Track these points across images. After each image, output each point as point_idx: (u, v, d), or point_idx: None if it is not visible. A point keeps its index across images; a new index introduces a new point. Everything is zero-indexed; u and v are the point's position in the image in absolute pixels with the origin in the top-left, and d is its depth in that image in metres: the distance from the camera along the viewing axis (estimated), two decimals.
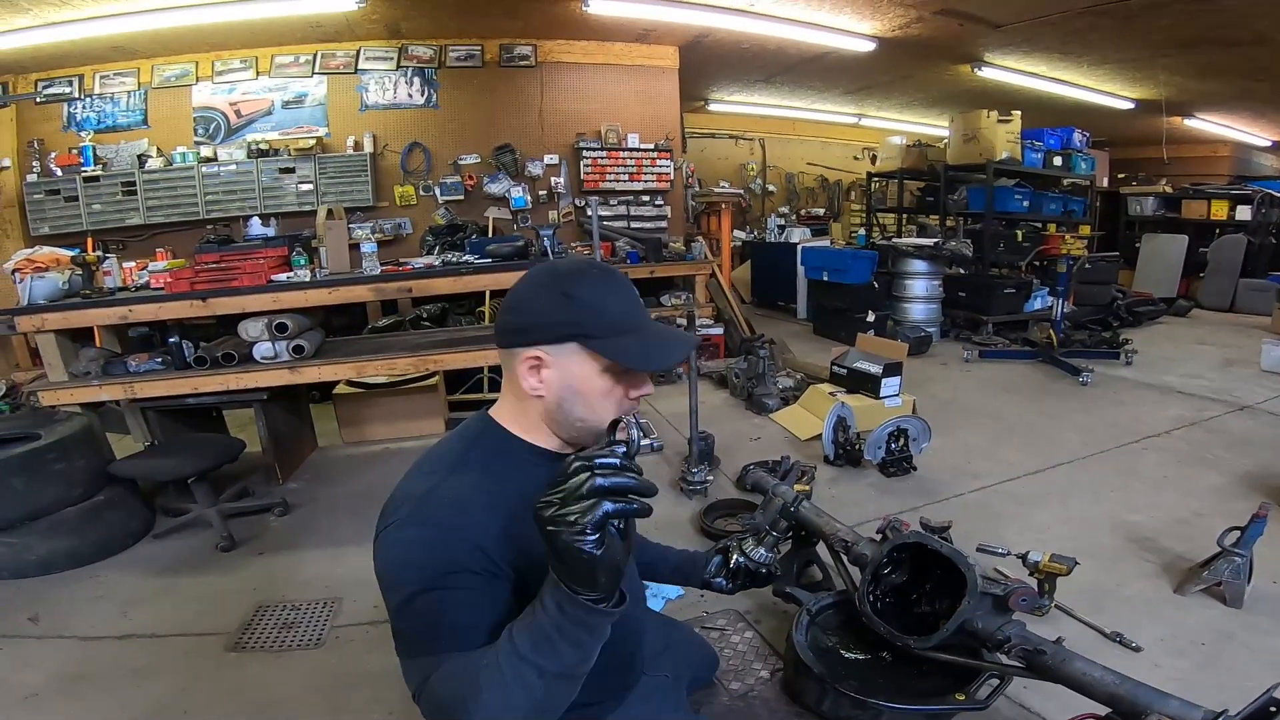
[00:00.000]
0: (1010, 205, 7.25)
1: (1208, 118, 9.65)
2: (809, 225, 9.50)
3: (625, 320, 1.08)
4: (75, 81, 5.96)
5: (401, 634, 1.00)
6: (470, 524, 0.98)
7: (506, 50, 6.63)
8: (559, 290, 1.06)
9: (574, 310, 1.05)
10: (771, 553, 1.50)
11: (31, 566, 2.89)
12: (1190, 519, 3.04)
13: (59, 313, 3.46)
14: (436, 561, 0.96)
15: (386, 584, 1.00)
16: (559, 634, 0.85)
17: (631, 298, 1.12)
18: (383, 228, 6.51)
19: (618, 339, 1.06)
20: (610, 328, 1.06)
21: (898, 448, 3.62)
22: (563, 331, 1.05)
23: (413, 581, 0.96)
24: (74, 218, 5.88)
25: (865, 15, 5.94)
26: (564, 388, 1.07)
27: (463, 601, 0.96)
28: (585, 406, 1.09)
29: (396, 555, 1.00)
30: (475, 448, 1.12)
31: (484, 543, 0.98)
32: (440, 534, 0.97)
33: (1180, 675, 2.03)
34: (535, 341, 1.06)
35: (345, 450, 4.44)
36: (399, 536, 1.00)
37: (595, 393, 1.08)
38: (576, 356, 1.06)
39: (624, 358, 1.05)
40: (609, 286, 1.09)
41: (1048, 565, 2.10)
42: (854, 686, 1.78)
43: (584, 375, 1.07)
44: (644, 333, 1.09)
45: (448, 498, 1.01)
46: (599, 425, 1.10)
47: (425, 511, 1.00)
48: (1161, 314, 7.81)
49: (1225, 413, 4.46)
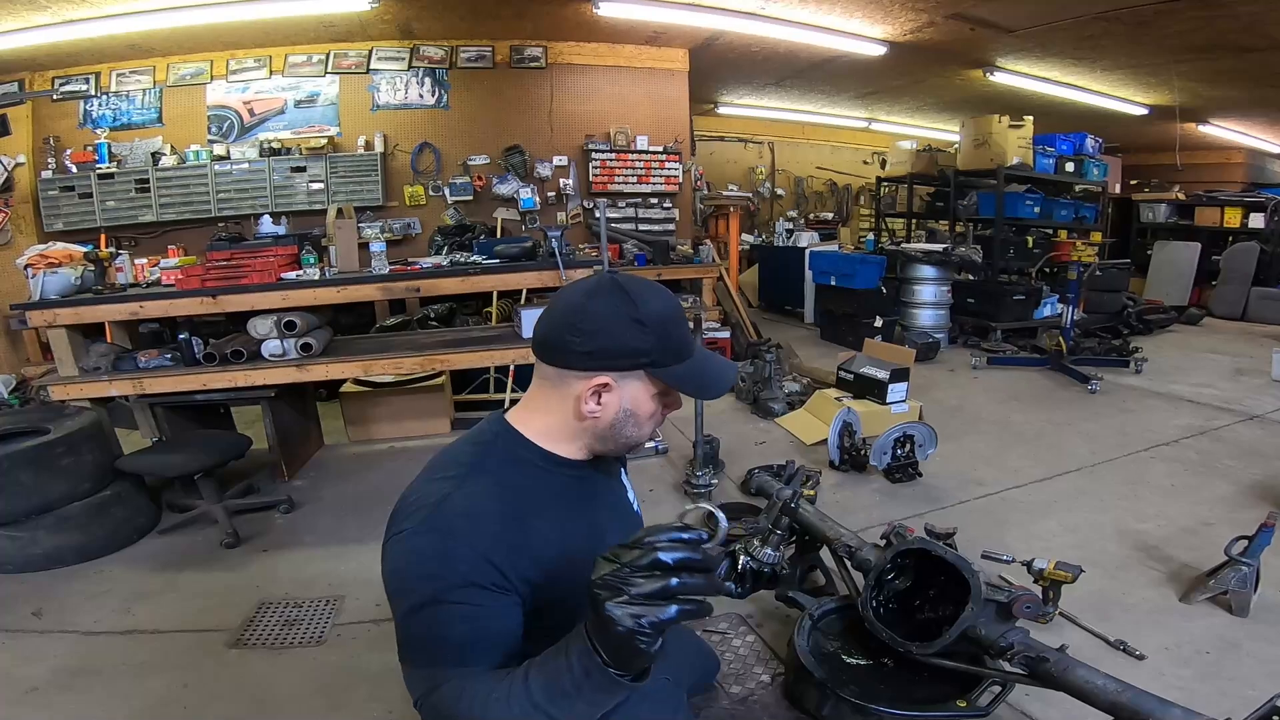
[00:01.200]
0: (1021, 211, 7.21)
1: (1222, 124, 9.58)
2: (817, 230, 9.46)
3: (685, 347, 1.10)
4: (92, 79, 6.03)
5: (406, 642, 0.99)
6: (482, 536, 0.98)
7: (517, 51, 6.65)
8: (632, 315, 1.04)
9: (647, 338, 1.05)
10: (777, 552, 1.49)
11: (37, 560, 2.91)
12: (1198, 528, 3.01)
13: (71, 308, 3.50)
14: (446, 574, 0.95)
15: (394, 590, 1.00)
16: (577, 693, 0.84)
17: (684, 319, 1.13)
18: (392, 227, 6.54)
19: (678, 366, 1.08)
20: (674, 355, 1.08)
21: (903, 454, 3.61)
22: (639, 361, 1.06)
23: (421, 592, 0.96)
24: (88, 214, 5.94)
25: (877, 19, 5.93)
26: (621, 411, 1.09)
27: (469, 616, 0.96)
28: (636, 427, 1.11)
29: (406, 564, 0.99)
30: (490, 454, 1.11)
31: (495, 556, 0.97)
32: (451, 545, 0.96)
33: (1184, 684, 2.01)
34: (605, 368, 1.06)
35: (351, 448, 4.46)
36: (410, 545, 0.99)
37: (647, 414, 1.11)
38: (640, 382, 1.08)
39: (684, 387, 1.10)
40: (672, 311, 1.10)
41: (1052, 573, 2.09)
42: (855, 692, 1.77)
43: (642, 399, 1.09)
44: (697, 359, 1.12)
45: (460, 507, 1.00)
46: (641, 441, 1.15)
47: (437, 521, 0.99)
48: (1172, 322, 7.75)
49: (1235, 422, 4.42)
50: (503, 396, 4.88)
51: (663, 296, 1.11)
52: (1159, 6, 5.34)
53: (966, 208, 7.51)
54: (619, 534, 1.23)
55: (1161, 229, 9.90)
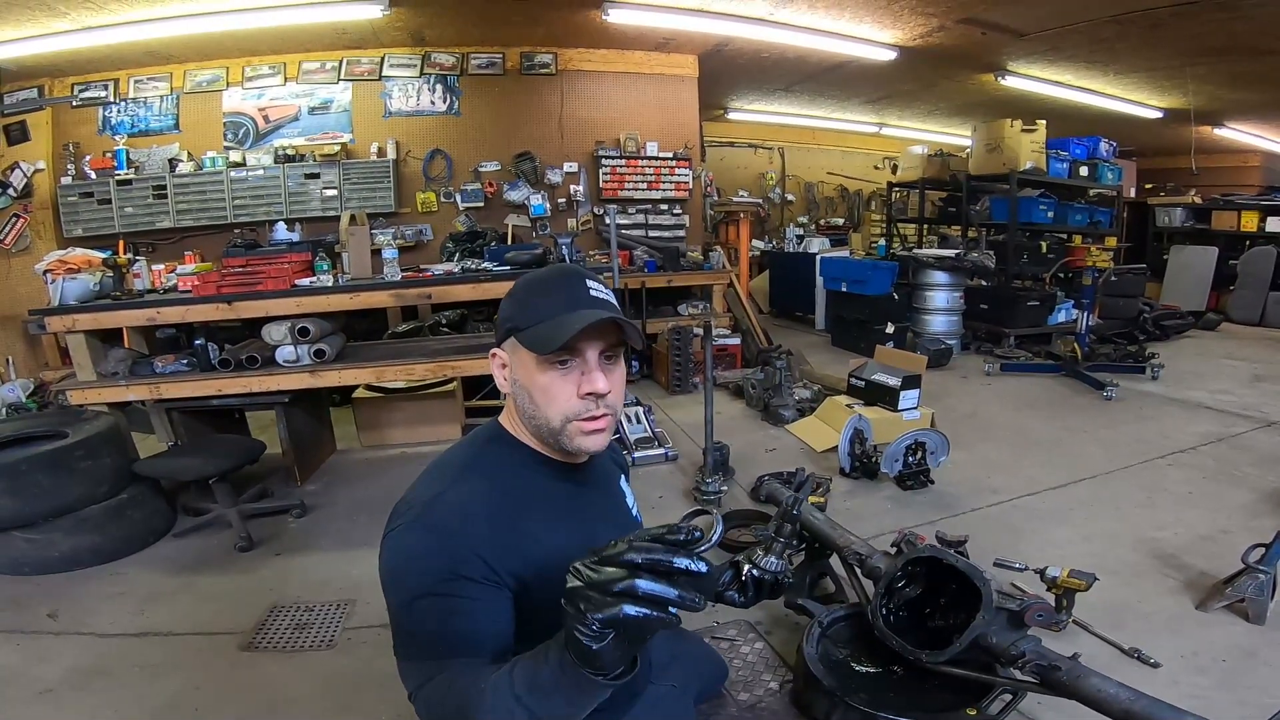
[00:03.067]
0: (1034, 216, 7.16)
1: (1238, 127, 9.49)
2: (828, 235, 9.46)
3: (549, 309, 1.07)
4: (110, 86, 6.11)
5: (400, 636, 1.02)
6: (472, 532, 1.00)
7: (527, 58, 6.69)
8: (512, 292, 1.15)
9: (512, 306, 1.12)
10: (782, 560, 1.47)
11: (54, 563, 2.94)
12: (1215, 536, 2.98)
13: (89, 313, 3.55)
14: (438, 567, 0.98)
15: (387, 585, 1.03)
16: (554, 688, 0.83)
17: (566, 287, 1.10)
18: (404, 234, 6.58)
19: (535, 326, 1.06)
20: (534, 317, 1.07)
21: (915, 461, 3.58)
22: (506, 327, 1.12)
23: (414, 586, 0.99)
24: (106, 220, 6.01)
25: (886, 24, 5.92)
26: (514, 382, 1.13)
27: (461, 610, 0.98)
28: (532, 402, 1.10)
29: (398, 559, 1.02)
30: (484, 454, 1.14)
31: (485, 551, 1.00)
32: (442, 540, 0.99)
33: (1199, 692, 1.99)
34: (498, 340, 1.16)
35: (363, 453, 4.49)
36: (402, 540, 1.02)
37: (537, 387, 1.09)
38: (519, 352, 1.10)
39: (530, 343, 1.06)
40: (548, 283, 1.13)
41: (1066, 581, 2.07)
42: (864, 700, 1.76)
43: (525, 369, 1.10)
44: (560, 318, 1.05)
45: (452, 504, 1.03)
46: (548, 423, 1.09)
47: (429, 517, 1.02)
48: (1189, 327, 7.66)
49: (1253, 429, 4.36)
50: None
51: (546, 272, 1.18)
52: (1174, 9, 5.30)
53: (979, 213, 7.47)
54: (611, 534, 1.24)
55: (1177, 233, 9.80)
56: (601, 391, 1.08)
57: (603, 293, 1.12)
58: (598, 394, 1.08)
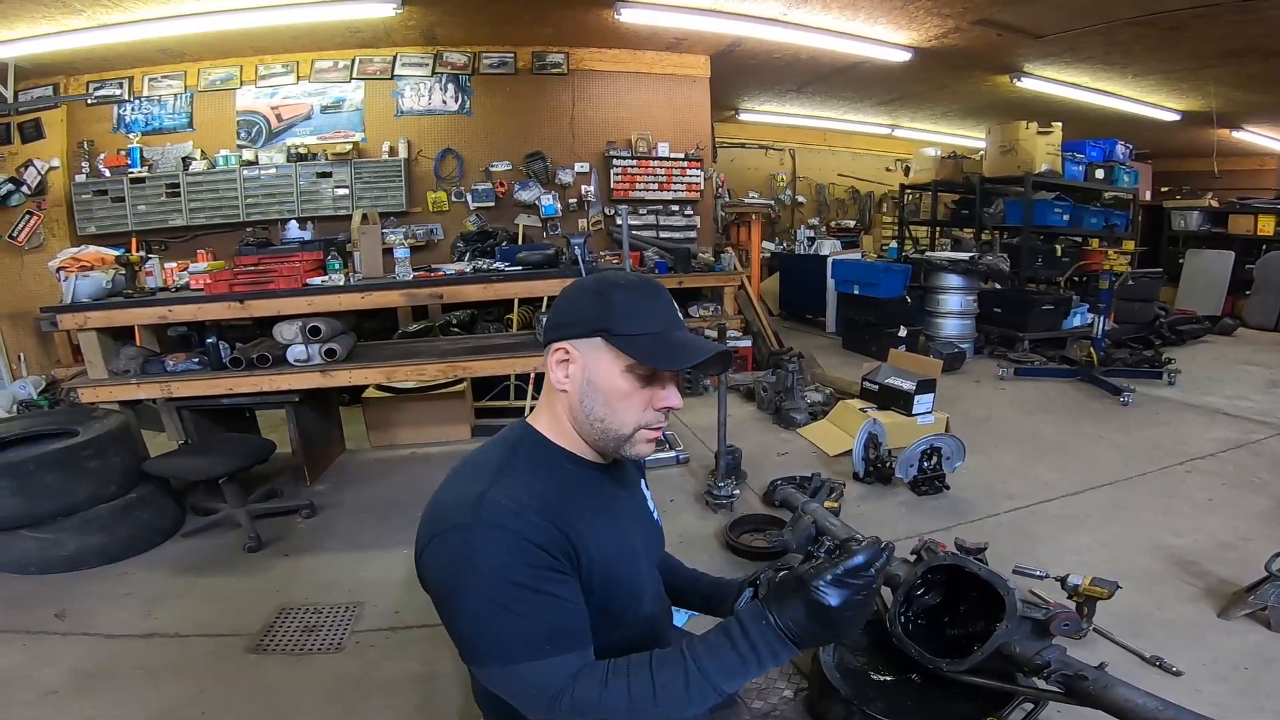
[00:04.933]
0: (1049, 219, 7.10)
1: (1256, 130, 9.38)
2: (839, 237, 9.40)
3: (650, 322, 1.08)
4: (125, 84, 6.13)
5: (492, 644, 0.96)
6: (530, 525, 0.97)
7: (539, 58, 6.68)
8: (596, 291, 1.10)
9: (605, 307, 1.07)
10: None
11: (61, 562, 2.93)
12: (1236, 543, 2.94)
13: (101, 311, 3.55)
14: (517, 562, 0.95)
15: (458, 590, 0.97)
16: (759, 666, 0.94)
17: (665, 305, 1.12)
18: (415, 233, 6.58)
19: (640, 337, 1.06)
20: (635, 327, 1.06)
21: (930, 466, 3.54)
22: (591, 326, 1.07)
23: (494, 586, 0.94)
24: (120, 218, 6.03)
25: (901, 25, 5.87)
26: (585, 383, 1.08)
27: (552, 604, 0.96)
28: (605, 405, 1.08)
29: (466, 564, 0.96)
30: (517, 454, 1.10)
31: (546, 542, 0.97)
32: (509, 536, 0.96)
33: (1221, 700, 1.97)
34: (565, 335, 1.09)
35: (373, 454, 4.48)
36: (466, 542, 0.97)
37: (615, 393, 1.07)
38: (601, 352, 1.07)
39: (641, 355, 1.05)
40: (644, 292, 1.11)
41: (1088, 589, 2.03)
42: (881, 709, 1.72)
43: (606, 373, 1.07)
44: (668, 336, 1.08)
45: (500, 501, 0.99)
46: (618, 429, 1.09)
47: (485, 515, 0.97)
48: (1206, 332, 7.58)
49: (1272, 435, 4.30)
50: (523, 404, 4.88)
51: (640, 281, 1.14)
52: (1193, 12, 5.24)
53: (993, 215, 7.41)
54: (642, 539, 1.24)
55: (1194, 237, 9.72)
56: (678, 407, 1.13)
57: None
58: (672, 409, 1.12)
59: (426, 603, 1.02)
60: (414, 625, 2.49)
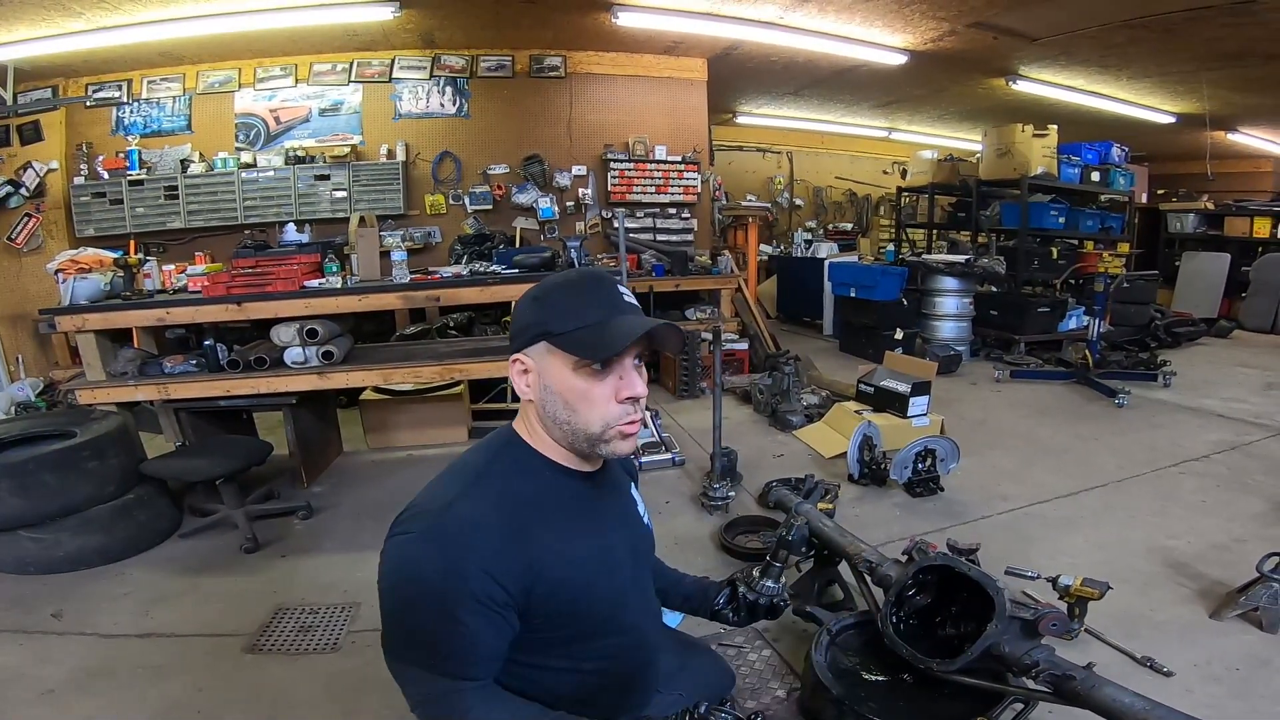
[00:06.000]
0: (1045, 221, 7.12)
1: (1251, 132, 9.42)
2: (836, 240, 9.42)
3: (589, 313, 1.06)
4: (124, 86, 6.15)
5: (397, 638, 1.03)
6: (483, 545, 0.98)
7: (536, 61, 6.70)
8: (535, 296, 1.11)
9: (541, 311, 1.08)
10: (779, 584, 1.48)
11: (60, 562, 2.94)
12: (1229, 544, 2.95)
13: (99, 313, 3.56)
14: (447, 585, 0.97)
15: (389, 591, 1.02)
16: None
17: (606, 293, 1.10)
18: (413, 236, 6.59)
19: (575, 332, 1.05)
20: (571, 322, 1.05)
21: (925, 468, 3.55)
22: (534, 333, 1.08)
23: (419, 599, 0.98)
24: (118, 220, 6.04)
25: (897, 28, 5.90)
26: (543, 389, 1.09)
27: (463, 633, 0.98)
28: (566, 408, 1.08)
29: (408, 570, 1.00)
30: (498, 461, 1.12)
31: (494, 567, 0.98)
32: (451, 557, 0.97)
33: (1213, 701, 1.98)
34: (518, 347, 1.11)
35: (370, 455, 4.48)
36: (412, 551, 1.00)
37: (572, 393, 1.07)
38: (549, 357, 1.08)
39: (576, 348, 1.05)
40: (581, 286, 1.11)
41: (1079, 589, 2.05)
42: (873, 709, 1.74)
43: (558, 375, 1.07)
44: (605, 324, 1.06)
45: (464, 515, 1.00)
46: (585, 429, 1.08)
47: (440, 529, 0.99)
48: (1201, 335, 7.61)
49: (1266, 437, 4.31)
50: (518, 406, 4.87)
51: (574, 276, 1.14)
52: (1187, 15, 5.27)
53: (989, 218, 7.42)
54: (628, 546, 1.25)
55: (1190, 239, 9.74)
56: (641, 395, 1.10)
57: (632, 297, 1.13)
58: (637, 398, 1.10)
59: None
60: None
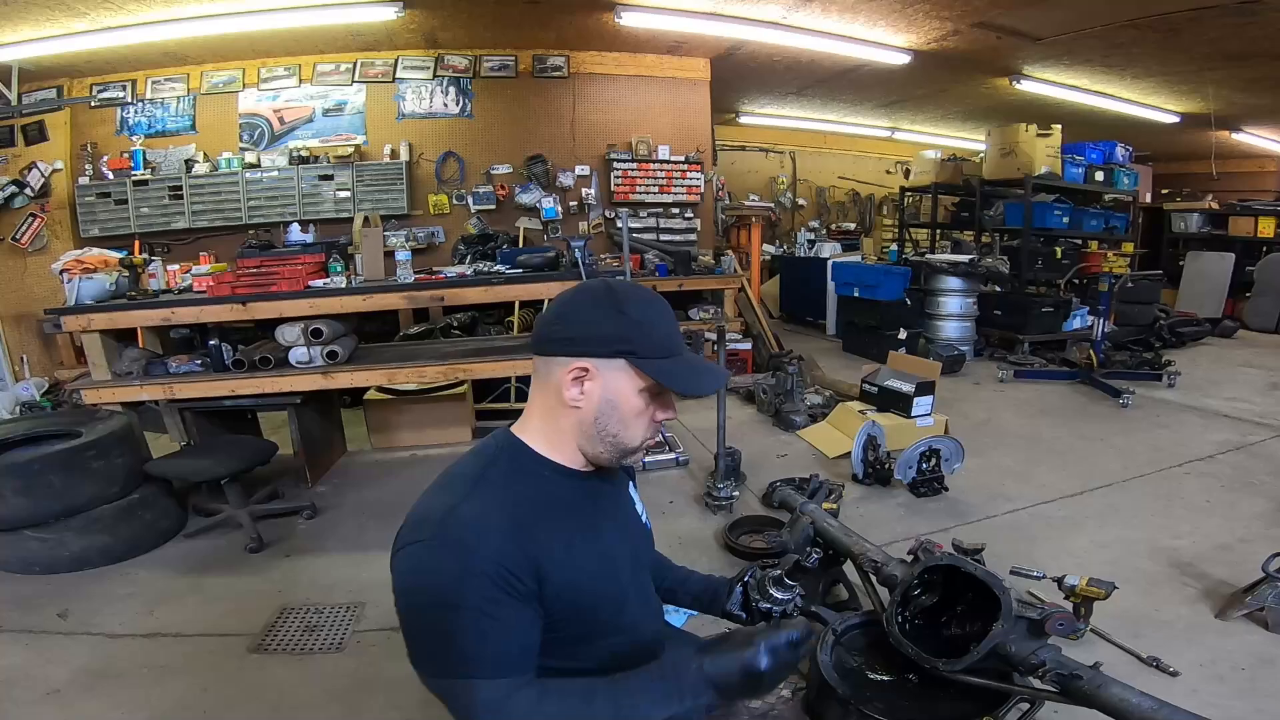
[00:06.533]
0: (1049, 221, 7.10)
1: (1256, 132, 9.39)
2: (839, 240, 9.43)
3: (669, 344, 1.10)
4: (128, 86, 6.17)
5: (432, 657, 0.99)
6: (492, 544, 0.98)
7: (540, 61, 6.71)
8: (614, 306, 1.07)
9: (626, 327, 1.06)
10: (788, 595, 1.48)
11: (64, 562, 2.95)
12: (1234, 544, 2.94)
13: (104, 313, 3.57)
14: (467, 585, 0.96)
15: (410, 604, 1.00)
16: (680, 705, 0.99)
17: (675, 324, 1.15)
18: (416, 236, 6.60)
19: (661, 361, 1.08)
20: (656, 349, 1.08)
21: (929, 468, 3.55)
22: (614, 346, 1.06)
23: (442, 604, 0.96)
24: (123, 220, 6.06)
25: (900, 28, 5.90)
26: (604, 401, 1.08)
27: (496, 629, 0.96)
28: (620, 423, 1.09)
29: (420, 579, 0.99)
30: (494, 465, 1.10)
31: (508, 562, 0.97)
32: (464, 558, 0.96)
33: (1218, 701, 1.97)
34: (584, 353, 1.07)
35: (374, 455, 4.49)
36: (421, 559, 0.99)
37: (631, 410, 1.09)
38: (622, 373, 1.07)
39: (668, 379, 1.08)
40: (658, 311, 1.12)
41: (1085, 589, 2.04)
42: (878, 708, 1.73)
43: (625, 392, 1.08)
44: (684, 359, 1.11)
45: (467, 518, 0.99)
46: (628, 444, 1.12)
47: (446, 534, 0.98)
48: (1206, 335, 7.58)
49: (1271, 437, 4.30)
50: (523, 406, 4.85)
51: (649, 296, 1.14)
52: (1191, 14, 5.25)
53: (993, 218, 7.41)
54: (626, 547, 1.24)
55: (1194, 239, 9.71)
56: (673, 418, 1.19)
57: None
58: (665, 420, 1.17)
59: None
60: None
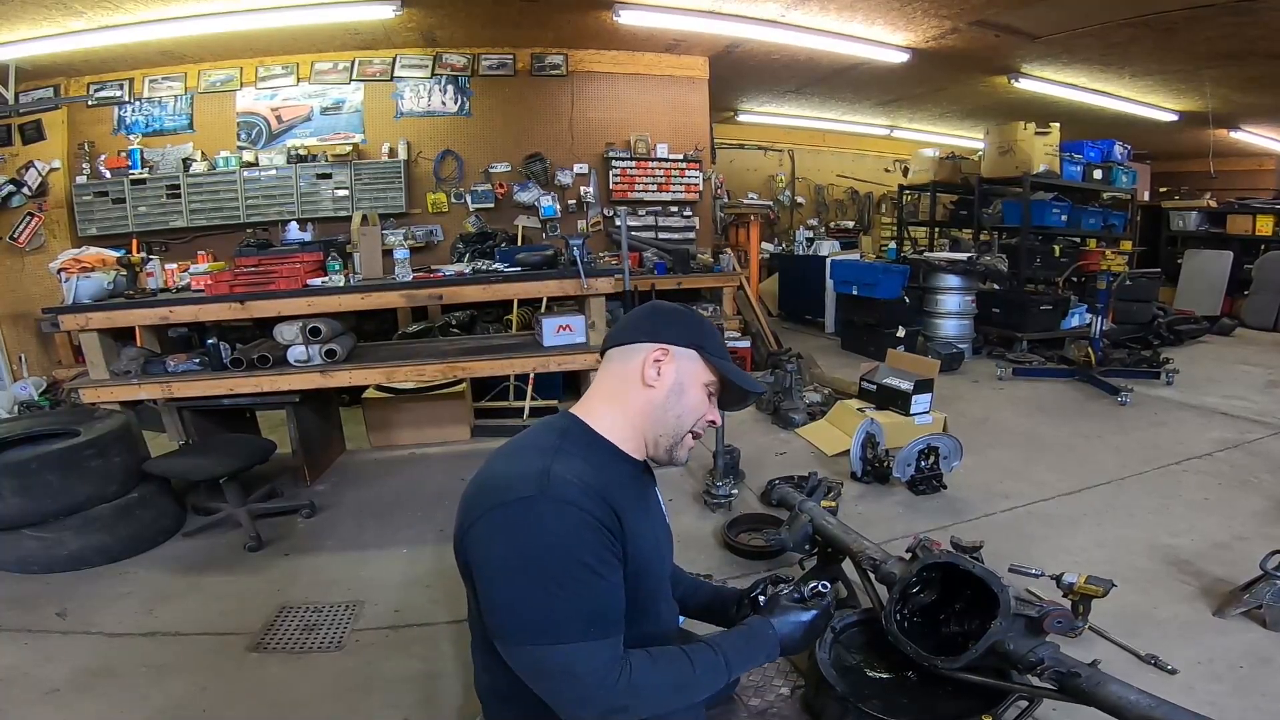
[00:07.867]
0: (1047, 219, 7.11)
1: (1254, 130, 9.40)
2: (838, 238, 9.40)
3: (725, 351, 1.31)
4: (125, 85, 6.15)
5: (534, 620, 0.97)
6: (595, 504, 1.01)
7: (538, 59, 6.70)
8: (691, 315, 1.30)
9: (701, 329, 1.28)
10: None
11: (63, 561, 2.94)
12: (1231, 542, 2.95)
13: (103, 312, 3.56)
14: (582, 540, 0.98)
15: (515, 564, 0.98)
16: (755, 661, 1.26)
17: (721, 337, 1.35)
18: (415, 234, 6.60)
19: (726, 363, 1.28)
20: (719, 350, 1.28)
21: (927, 466, 3.55)
22: (691, 339, 1.25)
23: (558, 561, 0.96)
24: (121, 219, 6.04)
25: (899, 26, 5.89)
26: (675, 384, 1.22)
27: (606, 588, 1.00)
28: (679, 404, 1.23)
29: (531, 535, 0.97)
30: (567, 437, 1.15)
31: (608, 524, 1.01)
32: (576, 514, 0.98)
33: (1215, 699, 1.98)
34: (666, 340, 1.23)
35: (372, 454, 4.49)
36: (530, 513, 0.98)
37: (693, 400, 1.24)
38: (694, 362, 1.25)
39: (731, 374, 1.27)
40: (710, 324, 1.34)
41: (1083, 587, 2.04)
42: (877, 706, 1.74)
43: (692, 380, 1.24)
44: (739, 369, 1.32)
45: (567, 478, 1.01)
46: (678, 429, 1.24)
47: (552, 489, 0.99)
48: (1204, 333, 7.59)
49: (1269, 435, 4.31)
50: (522, 404, 4.89)
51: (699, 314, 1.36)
52: (1187, 14, 5.26)
53: (991, 216, 7.42)
54: (664, 536, 1.34)
55: (1192, 237, 9.73)
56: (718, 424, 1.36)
57: None
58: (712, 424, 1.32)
59: (427, 602, 1.04)
60: (414, 624, 2.50)
